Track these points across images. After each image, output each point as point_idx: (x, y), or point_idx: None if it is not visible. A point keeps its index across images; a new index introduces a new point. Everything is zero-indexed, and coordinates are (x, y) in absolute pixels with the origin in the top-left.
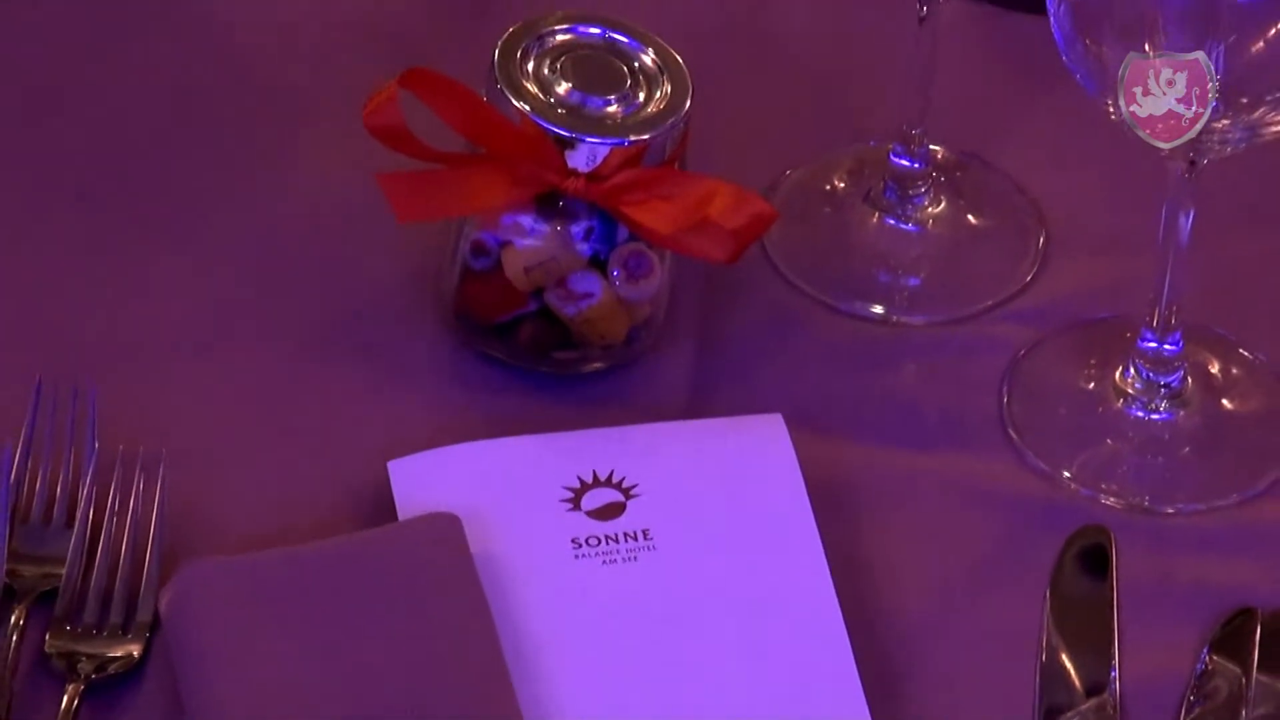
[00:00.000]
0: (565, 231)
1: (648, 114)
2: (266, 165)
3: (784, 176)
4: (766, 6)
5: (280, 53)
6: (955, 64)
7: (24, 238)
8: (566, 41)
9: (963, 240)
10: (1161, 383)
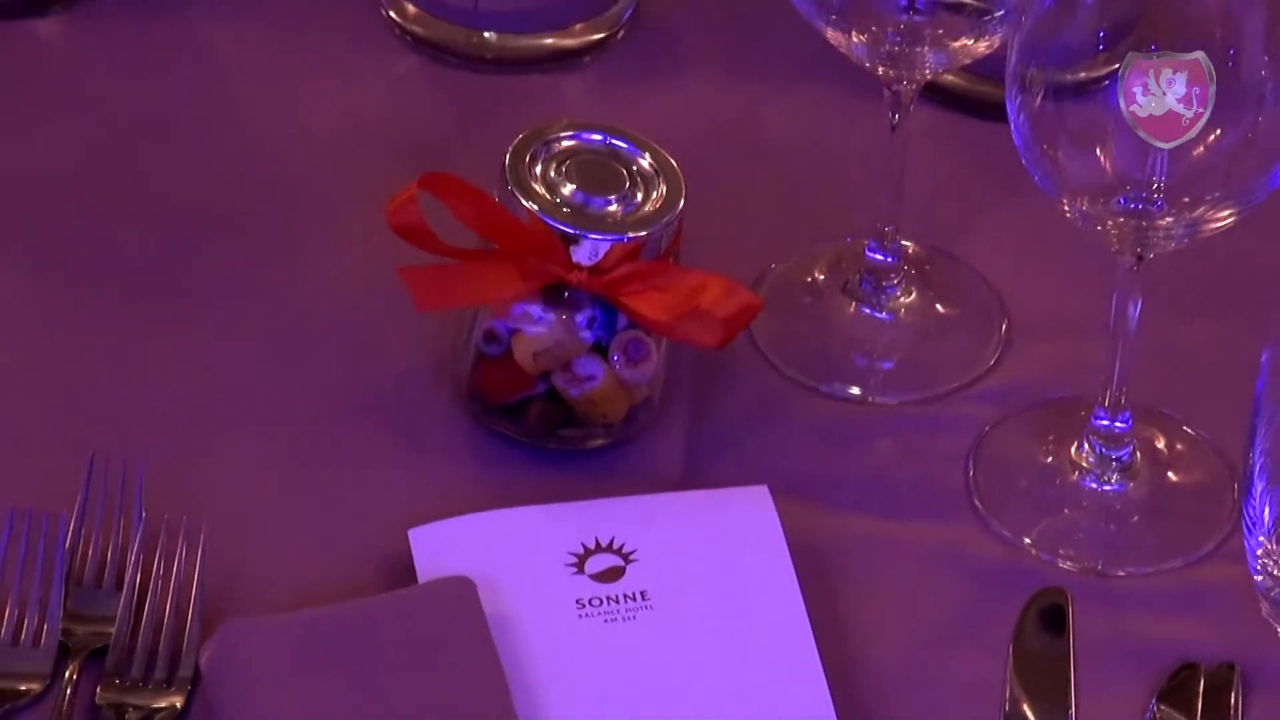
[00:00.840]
0: (570, 320)
1: (645, 213)
2: (299, 258)
3: (769, 270)
4: (754, 116)
5: (312, 155)
6: (924, 167)
7: (77, 326)
8: (571, 147)
9: (932, 328)
10: (1113, 457)
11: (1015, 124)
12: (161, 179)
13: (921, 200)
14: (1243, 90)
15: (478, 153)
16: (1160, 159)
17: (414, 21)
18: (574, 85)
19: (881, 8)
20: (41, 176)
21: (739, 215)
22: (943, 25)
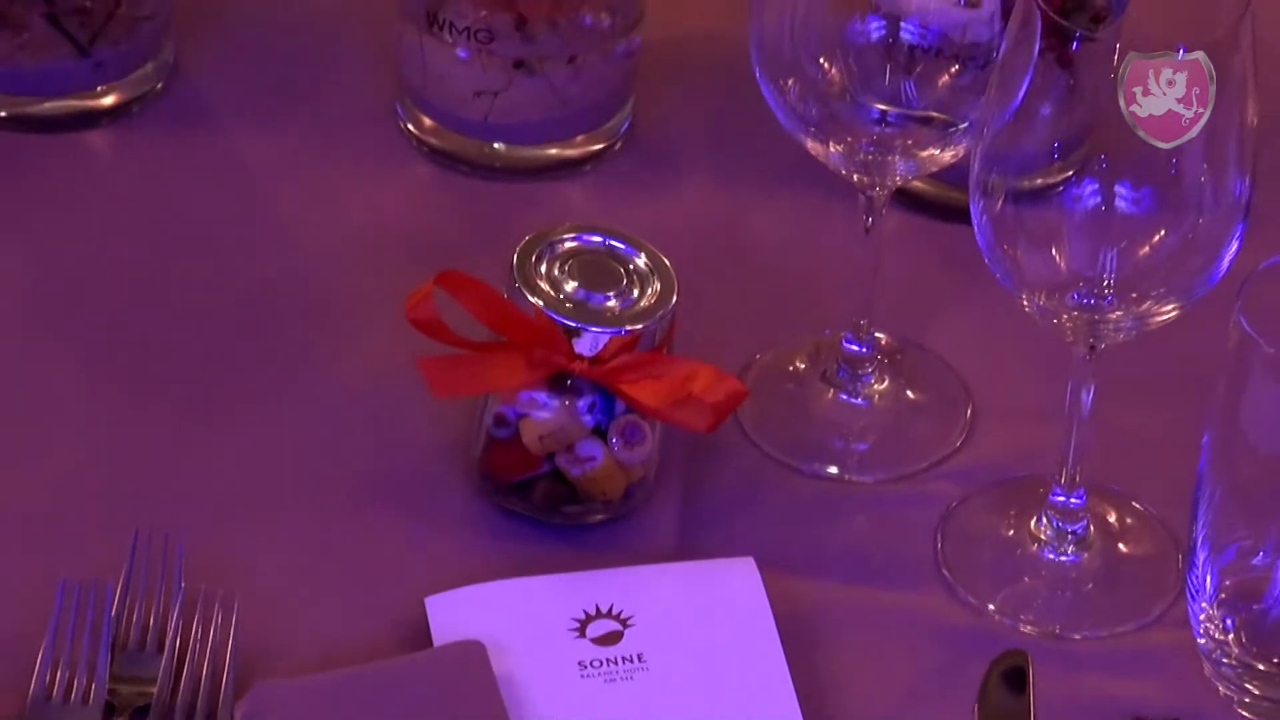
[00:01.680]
0: (573, 406)
1: (641, 308)
2: (326, 350)
3: (754, 359)
4: (740, 219)
5: (338, 256)
6: (895, 265)
7: (125, 413)
8: (573, 248)
9: (903, 412)
10: (1069, 530)
11: (978, 226)
12: (202, 279)
13: (893, 295)
14: (1184, 195)
15: (488, 253)
16: (1110, 258)
17: (430, 134)
18: (576, 192)
19: (856, 121)
20: (94, 277)
21: (727, 309)
22: (912, 136)
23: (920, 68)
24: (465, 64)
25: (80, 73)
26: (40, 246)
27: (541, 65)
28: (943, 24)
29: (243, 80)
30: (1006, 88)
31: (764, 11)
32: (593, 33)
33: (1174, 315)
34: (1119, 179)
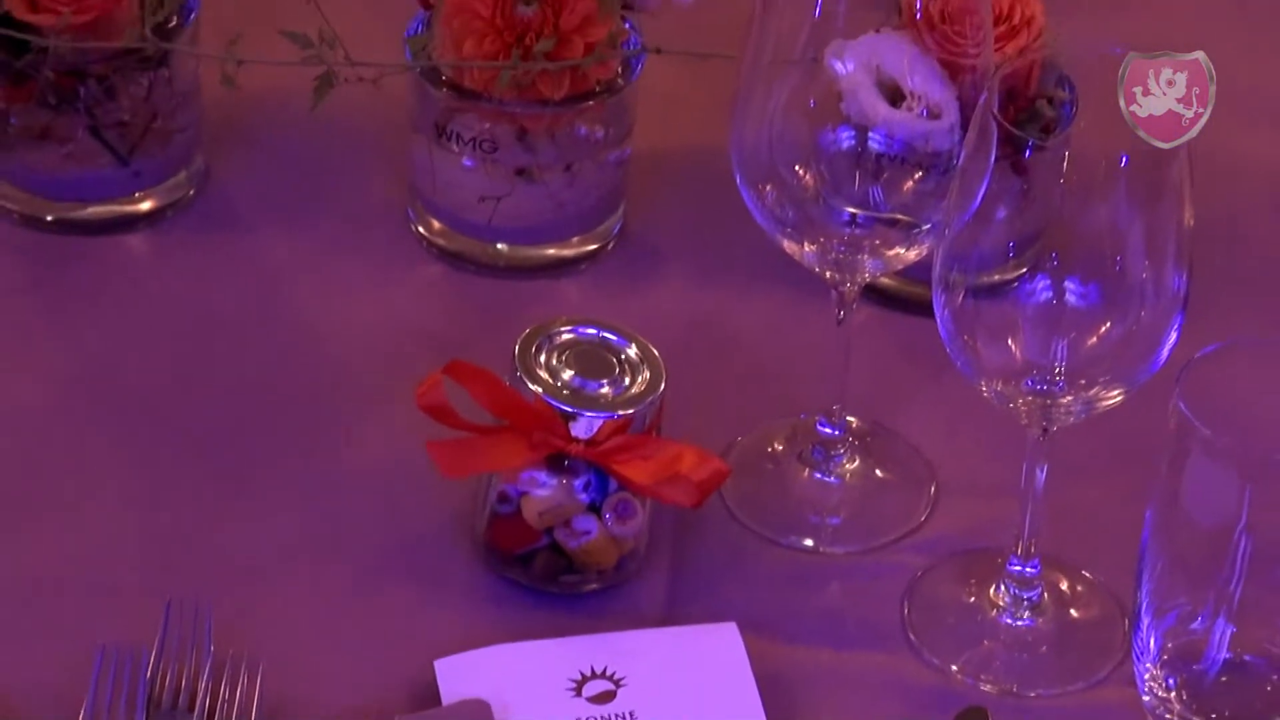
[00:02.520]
0: (569, 484)
1: (632, 394)
2: (344, 433)
3: (736, 441)
4: (723, 312)
5: (354, 347)
6: (865, 355)
7: (159, 490)
8: (569, 339)
9: (872, 489)
10: (1025, 597)
11: (940, 319)
12: (230, 367)
13: (863, 382)
14: (1128, 290)
15: (492, 344)
16: (1061, 348)
17: (439, 235)
18: (572, 288)
19: (828, 223)
20: (132, 365)
21: (711, 395)
22: (880, 237)
23: (887, 174)
24: (471, 172)
25: (120, 181)
26: (83, 338)
27: (541, 173)
28: (907, 134)
29: (267, 187)
30: (966, 192)
31: (744, 123)
32: (587, 143)
33: (1119, 400)
34: (1068, 276)
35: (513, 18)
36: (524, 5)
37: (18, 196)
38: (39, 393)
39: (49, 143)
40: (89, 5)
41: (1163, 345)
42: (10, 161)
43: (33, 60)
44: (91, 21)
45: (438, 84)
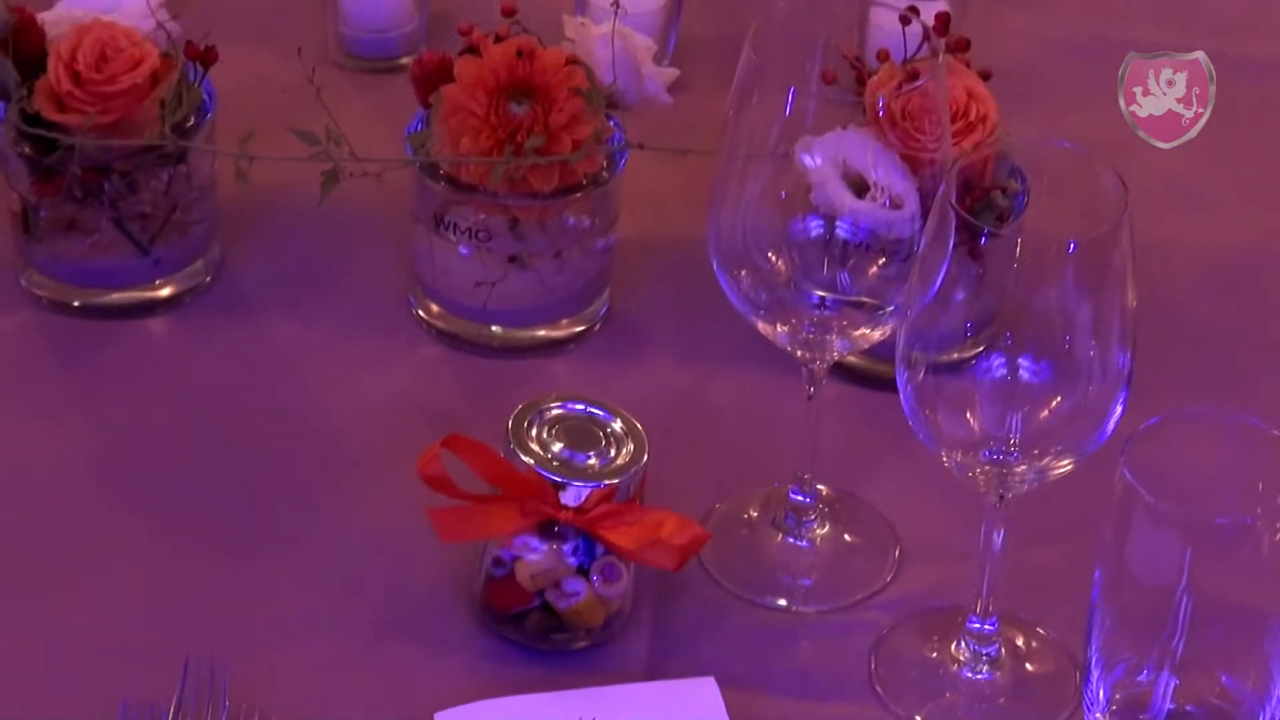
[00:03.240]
0: (559, 549)
1: (617, 465)
2: (350, 501)
3: (714, 508)
4: (701, 388)
5: (359, 422)
6: (834, 427)
7: (177, 556)
8: (559, 414)
9: (841, 552)
10: (984, 653)
11: (903, 394)
12: (244, 440)
13: (832, 453)
14: (1077, 367)
15: (487, 419)
16: (1015, 421)
17: (437, 318)
18: (561, 367)
19: (799, 306)
20: (152, 439)
21: (691, 466)
22: (847, 318)
23: (853, 260)
24: (467, 259)
25: (141, 269)
26: (108, 414)
27: (532, 260)
28: (871, 223)
29: (278, 274)
30: (926, 277)
31: (720, 213)
32: (575, 232)
33: (1069, 469)
34: (1022, 354)
35: (505, 116)
36: (516, 104)
37: (47, 284)
38: (67, 465)
39: (76, 233)
40: (113, 106)
41: (1109, 418)
42: (40, 251)
43: (61, 157)
44: (115, 121)
45: (436, 178)
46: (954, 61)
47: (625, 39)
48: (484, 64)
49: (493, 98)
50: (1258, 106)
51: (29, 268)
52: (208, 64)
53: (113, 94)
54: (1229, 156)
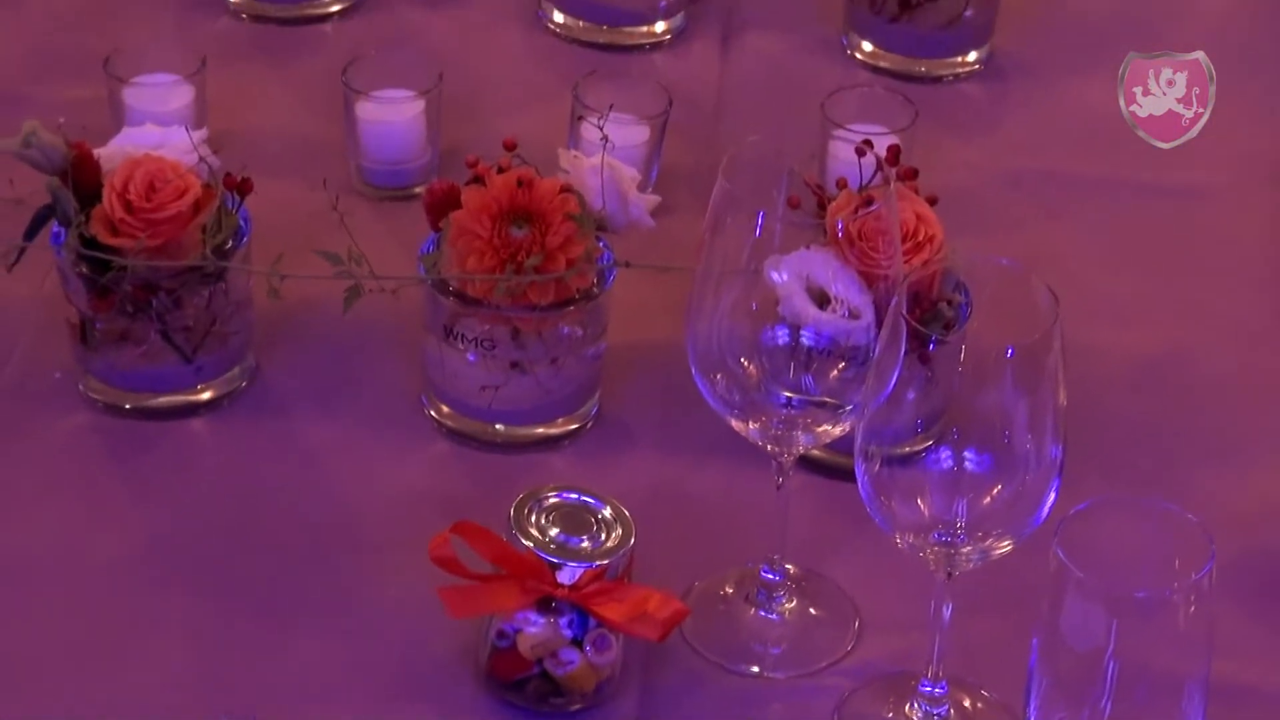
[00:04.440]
0: (556, 623)
1: (607, 547)
2: (367, 581)
3: (693, 586)
4: (682, 480)
5: (376, 510)
6: (800, 513)
7: (215, 627)
8: (555, 502)
9: (807, 624)
10: (935, 713)
11: (861, 483)
12: (276, 526)
13: (799, 536)
14: (1015, 458)
15: (491, 508)
16: (961, 506)
17: (447, 418)
18: (558, 460)
19: (768, 405)
20: (193, 525)
21: (673, 547)
22: (811, 417)
23: (816, 365)
24: (474, 365)
25: (184, 375)
26: (154, 504)
27: (531, 366)
28: (832, 332)
29: (306, 378)
30: (881, 379)
31: (698, 323)
32: (569, 340)
33: (1009, 549)
34: (966, 447)
35: (507, 238)
36: (516, 228)
37: (101, 389)
38: (118, 548)
39: (127, 344)
40: (160, 231)
41: (1044, 504)
42: (96, 360)
43: (114, 276)
44: (162, 244)
45: (446, 293)
46: (904, 189)
47: (613, 169)
48: (488, 192)
49: (496, 222)
50: (1173, 227)
51: (86, 375)
52: (244, 193)
53: (160, 220)
54: (1148, 272)
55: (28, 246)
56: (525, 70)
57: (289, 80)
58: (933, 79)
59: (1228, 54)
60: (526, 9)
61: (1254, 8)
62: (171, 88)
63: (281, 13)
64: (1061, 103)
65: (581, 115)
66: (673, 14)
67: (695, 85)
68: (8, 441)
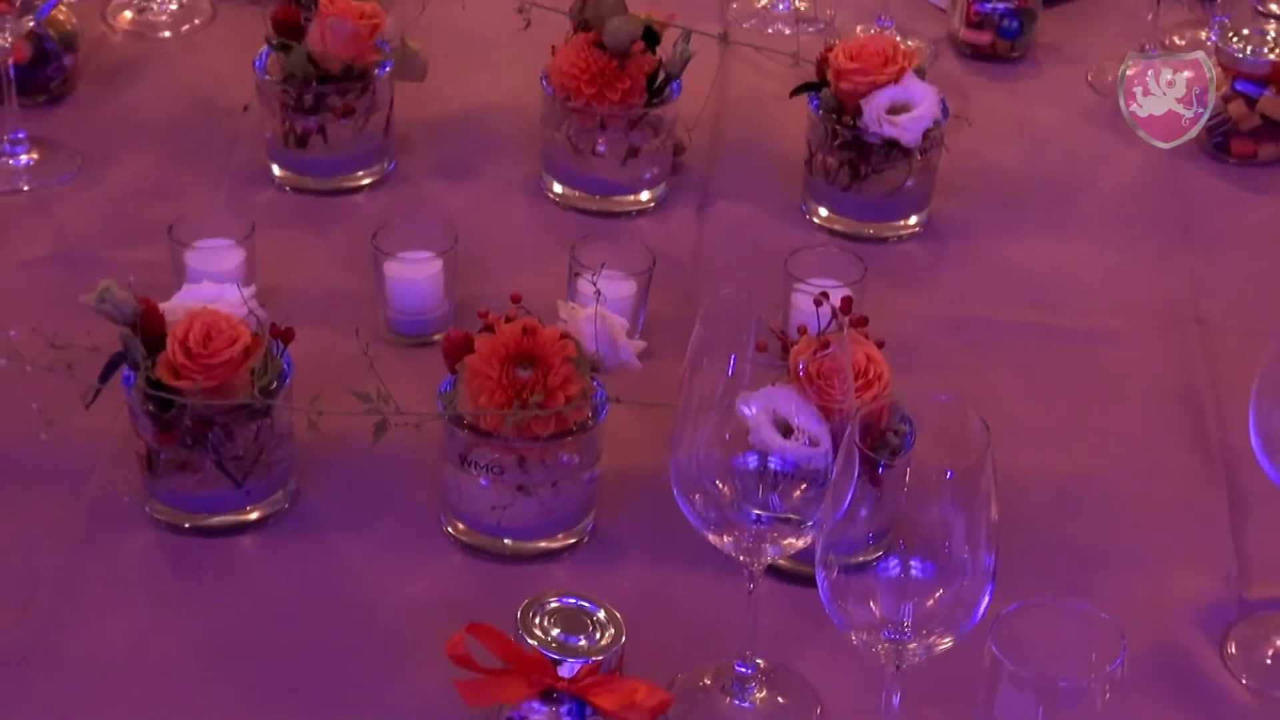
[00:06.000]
0: (557, 711)
1: (601, 645)
2: (394, 675)
3: (676, 678)
4: (666, 585)
5: (400, 616)
6: (768, 614)
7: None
8: (556, 607)
9: (776, 711)
10: None
11: (821, 588)
12: (313, 629)
13: (768, 633)
14: (954, 566)
15: (501, 611)
16: (908, 608)
17: (462, 534)
18: (559, 570)
19: (740, 522)
20: (241, 630)
21: (658, 645)
22: (778, 531)
23: (782, 486)
24: (485, 489)
25: (235, 498)
26: (208, 610)
27: (535, 489)
28: (795, 458)
29: (340, 500)
30: (837, 498)
31: (679, 451)
32: (568, 467)
33: (950, 644)
34: (912, 556)
35: (514, 379)
36: (522, 370)
37: (164, 510)
38: (177, 648)
39: (187, 471)
40: (215, 375)
41: (979, 606)
42: (160, 485)
43: (176, 413)
44: (217, 386)
45: (461, 426)
46: (856, 334)
47: (605, 319)
48: (497, 339)
49: (504, 365)
50: (1084, 365)
51: (152, 498)
52: (287, 341)
53: (215, 365)
54: (1064, 403)
55: (103, 388)
56: (529, 234)
57: (326, 244)
58: (879, 240)
59: (1128, 218)
60: (529, 181)
61: (1150, 181)
62: (225, 251)
63: (320, 186)
64: (989, 260)
65: (578, 272)
66: (655, 185)
67: (675, 246)
68: (85, 556)
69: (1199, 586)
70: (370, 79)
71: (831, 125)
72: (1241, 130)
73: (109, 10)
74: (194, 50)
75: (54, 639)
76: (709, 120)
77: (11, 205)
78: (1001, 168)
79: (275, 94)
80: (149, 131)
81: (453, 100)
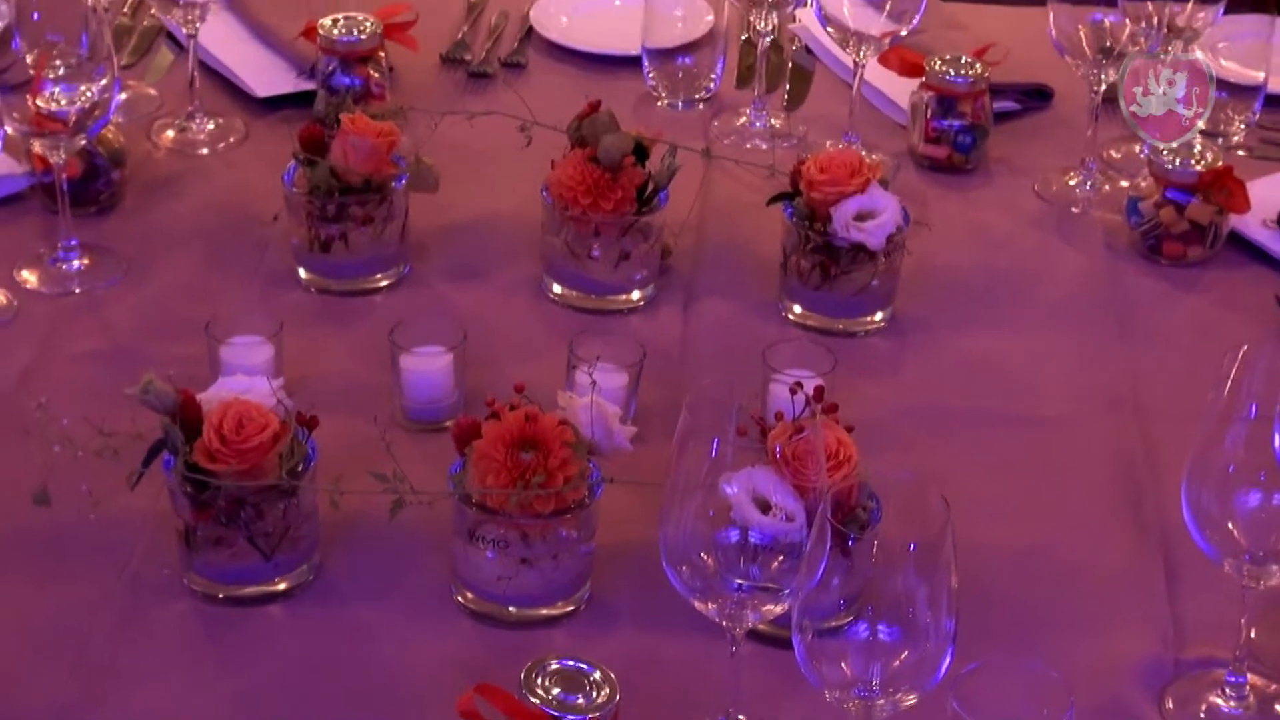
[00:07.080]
0: None
1: (598, 704)
2: None
3: None
4: (655, 649)
5: (418, 677)
6: (750, 674)
7: None
8: (557, 668)
9: None
10: None
11: (798, 652)
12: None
13: (749, 692)
14: (918, 630)
15: (507, 673)
16: (876, 669)
17: (470, 602)
18: (559, 635)
19: (723, 590)
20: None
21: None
22: (757, 599)
23: (761, 558)
24: (491, 561)
25: (264, 570)
26: (241, 675)
27: (537, 561)
28: (773, 531)
29: (360, 572)
30: (811, 569)
31: (667, 526)
32: (567, 541)
33: (915, 701)
34: (879, 622)
35: (518, 461)
36: (525, 453)
37: (200, 581)
38: (211, 708)
39: (221, 546)
40: (247, 458)
41: (941, 666)
42: (196, 559)
43: (211, 494)
44: (248, 469)
45: (470, 504)
46: (827, 419)
47: (600, 407)
48: (502, 426)
49: (509, 449)
50: (1034, 446)
51: (189, 570)
52: (312, 428)
53: (247, 449)
54: (1016, 481)
55: (145, 471)
56: (531, 330)
57: (348, 339)
58: (849, 334)
59: (1073, 313)
60: (532, 283)
61: (1092, 280)
62: (256, 346)
63: (342, 287)
64: (948, 352)
65: (575, 365)
66: (645, 285)
67: (664, 340)
68: (127, 624)
69: (1139, 647)
70: (388, 191)
71: (804, 231)
72: (1172, 234)
73: (153, 130)
74: (229, 165)
75: (99, 697)
76: (693, 226)
77: (65, 306)
78: (958, 268)
79: (302, 204)
80: (188, 239)
81: (462, 210)
